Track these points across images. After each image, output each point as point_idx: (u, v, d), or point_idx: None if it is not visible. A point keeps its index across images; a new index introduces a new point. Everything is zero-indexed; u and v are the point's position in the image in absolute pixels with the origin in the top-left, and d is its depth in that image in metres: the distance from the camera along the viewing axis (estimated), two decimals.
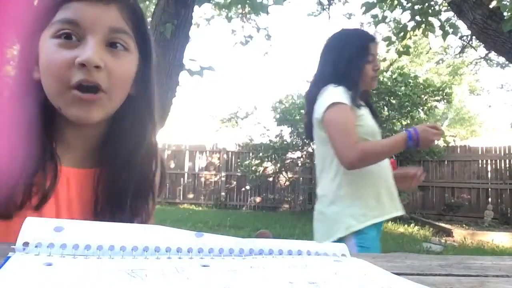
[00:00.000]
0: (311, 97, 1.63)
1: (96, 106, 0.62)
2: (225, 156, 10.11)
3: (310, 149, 9.38)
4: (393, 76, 8.87)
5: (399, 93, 7.77)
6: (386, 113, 8.99)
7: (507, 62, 7.67)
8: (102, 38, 0.61)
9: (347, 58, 1.56)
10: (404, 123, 7.95)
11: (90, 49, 0.59)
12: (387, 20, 4.66)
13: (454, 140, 9.77)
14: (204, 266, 0.41)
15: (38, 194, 0.60)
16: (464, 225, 7.18)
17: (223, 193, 9.92)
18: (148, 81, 0.71)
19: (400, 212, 1.57)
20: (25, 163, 0.59)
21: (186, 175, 10.18)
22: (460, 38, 6.11)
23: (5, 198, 0.57)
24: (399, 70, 8.84)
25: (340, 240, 1.44)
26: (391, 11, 4.34)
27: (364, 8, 3.86)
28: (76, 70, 0.59)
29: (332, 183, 1.53)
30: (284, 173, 9.48)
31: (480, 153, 8.36)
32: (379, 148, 1.51)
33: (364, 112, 1.57)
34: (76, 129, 0.66)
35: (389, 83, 8.82)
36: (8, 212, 0.58)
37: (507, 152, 7.99)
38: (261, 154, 9.30)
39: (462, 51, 8.83)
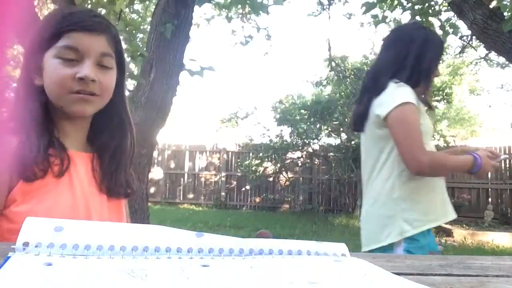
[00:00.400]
0: (377, 88, 1.50)
1: (89, 104, 0.84)
2: (225, 156, 10.11)
3: (310, 149, 9.39)
4: None
5: None
6: None
7: (507, 62, 7.66)
8: (94, 60, 0.83)
9: (430, 57, 1.50)
10: None
11: (87, 67, 0.81)
12: (387, 20, 4.65)
13: (454, 140, 9.77)
14: (204, 266, 0.41)
15: (58, 165, 0.80)
16: (464, 225, 7.18)
17: (223, 193, 9.92)
18: (122, 88, 0.94)
19: (453, 216, 1.52)
20: (37, 140, 0.78)
21: (186, 175, 10.18)
22: (460, 38, 6.10)
23: (29, 164, 0.76)
24: None
25: (390, 244, 1.42)
26: (391, 11, 4.32)
27: (364, 8, 3.85)
28: (76, 83, 0.81)
29: (384, 184, 1.47)
30: (284, 173, 9.48)
31: None
32: (449, 162, 1.46)
33: (422, 108, 1.51)
34: (71, 122, 0.87)
35: None
36: (33, 174, 0.76)
37: (507, 152, 7.99)
38: (261, 154, 9.30)
39: (462, 51, 8.82)
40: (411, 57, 1.49)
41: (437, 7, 4.09)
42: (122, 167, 0.92)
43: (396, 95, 1.43)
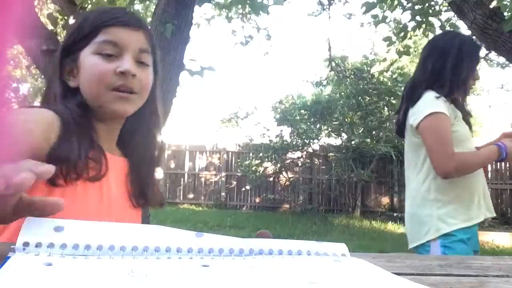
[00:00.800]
0: (413, 99, 1.59)
1: (129, 103, 0.81)
2: (225, 156, 10.11)
3: (310, 149, 9.38)
4: (393, 76, 8.86)
5: (399, 93, 7.76)
6: (386, 113, 8.98)
7: (507, 62, 7.66)
8: (133, 56, 0.81)
9: (467, 66, 1.56)
10: None
11: (127, 61, 0.79)
12: (387, 20, 4.66)
13: None
14: (204, 266, 0.41)
15: (95, 170, 0.77)
16: None
17: (223, 193, 9.92)
18: (155, 88, 0.90)
19: (490, 214, 1.59)
20: (79, 144, 0.74)
21: (186, 175, 10.18)
22: None
23: (68, 166, 0.72)
24: (399, 70, 8.84)
25: (428, 241, 1.53)
26: (391, 11, 4.32)
27: (364, 8, 3.85)
28: (117, 77, 0.78)
29: (421, 186, 1.58)
30: (284, 173, 9.47)
31: None
32: (475, 159, 1.54)
33: (459, 115, 1.57)
34: (105, 123, 0.83)
35: (389, 83, 8.81)
36: (70, 176, 0.72)
37: None
38: (261, 154, 9.29)
39: None
40: (448, 68, 1.55)
41: (437, 7, 4.09)
42: (154, 174, 0.92)
43: (427, 105, 1.52)
